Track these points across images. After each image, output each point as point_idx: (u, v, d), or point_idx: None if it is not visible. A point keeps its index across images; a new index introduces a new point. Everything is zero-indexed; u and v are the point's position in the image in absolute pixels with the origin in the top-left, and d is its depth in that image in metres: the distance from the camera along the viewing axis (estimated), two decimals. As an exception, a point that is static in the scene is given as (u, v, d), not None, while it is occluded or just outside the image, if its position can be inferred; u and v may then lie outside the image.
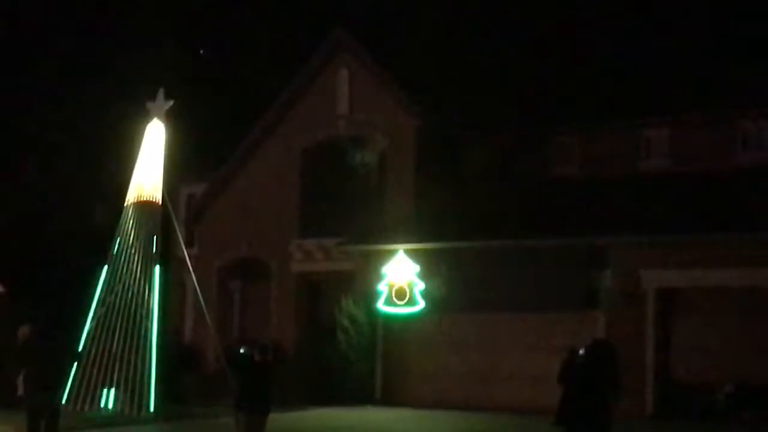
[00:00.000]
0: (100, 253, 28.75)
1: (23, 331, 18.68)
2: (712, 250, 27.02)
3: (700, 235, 27.09)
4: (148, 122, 28.87)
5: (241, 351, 18.19)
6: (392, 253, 31.31)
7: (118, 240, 28.41)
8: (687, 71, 34.36)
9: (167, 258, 31.67)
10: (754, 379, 26.64)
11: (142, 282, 27.69)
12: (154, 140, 28.67)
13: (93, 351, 27.26)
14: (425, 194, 33.01)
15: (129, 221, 28.53)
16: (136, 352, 27.09)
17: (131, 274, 27.92)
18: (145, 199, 28.34)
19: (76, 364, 21.01)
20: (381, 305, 31.41)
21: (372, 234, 32.19)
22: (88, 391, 26.98)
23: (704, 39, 34.36)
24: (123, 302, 27.72)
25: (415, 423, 26.66)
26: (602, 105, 34.12)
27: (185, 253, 29.86)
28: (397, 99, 33.39)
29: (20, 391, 17.91)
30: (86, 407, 26.73)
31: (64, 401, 21.21)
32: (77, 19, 44.66)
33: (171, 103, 28.66)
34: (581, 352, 15.77)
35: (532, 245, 29.06)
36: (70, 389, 25.78)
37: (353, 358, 31.27)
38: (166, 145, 28.75)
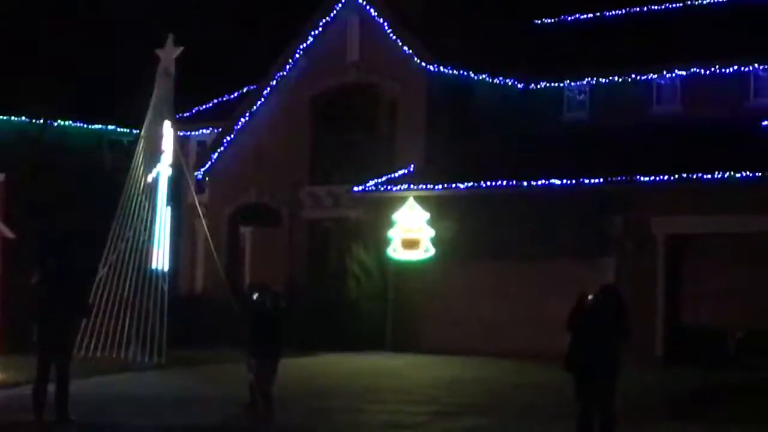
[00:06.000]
0: (110, 199, 28.87)
1: (36, 277, 18.74)
2: (723, 196, 26.97)
3: (711, 181, 27.03)
4: (157, 69, 28.87)
5: (254, 297, 18.27)
6: (403, 200, 31.34)
7: (128, 186, 28.51)
8: (697, 17, 34.21)
9: (178, 204, 31.79)
10: (764, 326, 26.63)
11: (152, 228, 27.81)
12: (163, 87, 28.67)
13: (104, 297, 27.43)
14: (436, 141, 32.95)
15: (139, 168, 28.61)
16: (147, 298, 27.26)
17: (142, 221, 28.05)
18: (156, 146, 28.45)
19: (86, 311, 21.04)
20: (391, 252, 31.48)
21: (383, 181, 32.18)
22: (99, 337, 27.20)
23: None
24: (134, 248, 27.87)
25: (425, 369, 26.78)
26: (613, 50, 34.00)
27: (196, 199, 29.99)
28: (408, 45, 33.24)
29: (35, 338, 18.00)
30: (98, 353, 26.95)
31: (74, 347, 21.30)
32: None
33: (181, 49, 28.63)
34: (590, 297, 15.77)
35: (542, 191, 29.05)
36: (80, 335, 25.99)
37: (364, 304, 31.37)
38: (175, 91, 28.76)
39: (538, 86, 34.41)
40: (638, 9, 36.29)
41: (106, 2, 44.09)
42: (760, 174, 26.50)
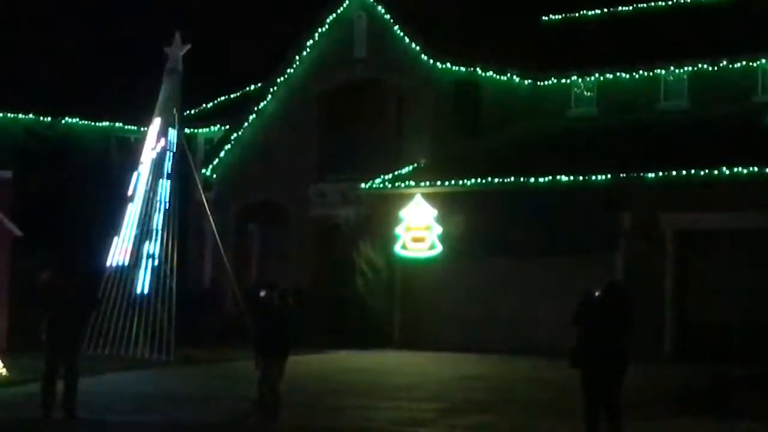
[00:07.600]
0: (118, 196, 28.89)
1: (44, 275, 18.75)
2: (732, 192, 26.93)
3: (719, 177, 26.99)
4: (165, 66, 28.88)
5: (261, 295, 18.28)
6: (410, 196, 31.34)
7: (135, 184, 28.53)
8: (704, 12, 34.16)
9: (186, 202, 31.81)
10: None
11: (160, 226, 27.82)
12: (171, 84, 28.68)
13: (113, 295, 27.45)
14: (443, 138, 32.95)
15: (147, 165, 28.60)
16: (156, 295, 27.28)
17: (150, 219, 28.06)
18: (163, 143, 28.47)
19: (95, 308, 21.09)
20: (399, 249, 31.47)
21: (390, 178, 32.18)
22: (108, 334, 27.21)
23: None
24: (142, 246, 27.86)
25: (432, 366, 26.79)
26: (621, 46, 33.97)
27: (203, 197, 29.99)
28: (415, 42, 33.22)
29: (44, 336, 18.00)
30: (106, 350, 26.97)
31: (83, 344, 21.34)
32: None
33: (188, 47, 28.63)
34: (597, 294, 15.77)
35: (550, 188, 29.03)
36: (90, 333, 26.01)
37: (371, 301, 31.37)
38: (182, 89, 28.76)
39: (546, 83, 34.41)
40: (645, 5, 36.23)
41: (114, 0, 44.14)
42: (768, 170, 26.47)
